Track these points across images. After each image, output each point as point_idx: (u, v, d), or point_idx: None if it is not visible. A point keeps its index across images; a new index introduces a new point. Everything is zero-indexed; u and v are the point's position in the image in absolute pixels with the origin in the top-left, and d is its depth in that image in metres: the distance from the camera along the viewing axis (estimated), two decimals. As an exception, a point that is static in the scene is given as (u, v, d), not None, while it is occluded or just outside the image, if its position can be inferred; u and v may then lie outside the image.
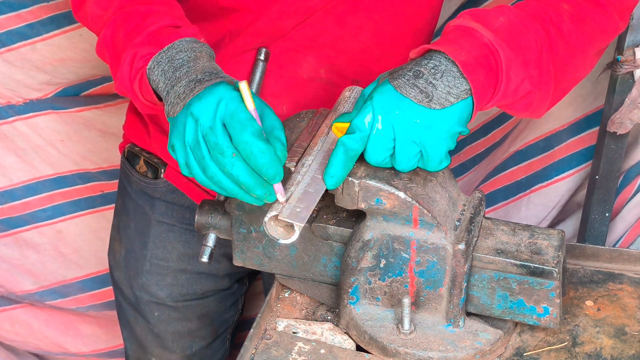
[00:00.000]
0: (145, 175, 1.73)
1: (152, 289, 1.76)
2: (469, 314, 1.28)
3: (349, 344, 1.29)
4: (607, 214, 1.86)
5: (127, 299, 1.81)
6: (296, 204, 1.18)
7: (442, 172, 1.26)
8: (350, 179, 1.20)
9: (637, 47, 1.69)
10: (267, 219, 1.17)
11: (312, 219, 1.30)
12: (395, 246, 1.23)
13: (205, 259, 1.39)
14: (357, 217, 1.28)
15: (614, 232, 1.93)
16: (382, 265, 1.25)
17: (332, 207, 1.31)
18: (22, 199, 2.09)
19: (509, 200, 2.00)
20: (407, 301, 1.23)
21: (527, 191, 1.97)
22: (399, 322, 1.26)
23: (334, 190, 1.22)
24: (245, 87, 1.16)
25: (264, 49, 1.48)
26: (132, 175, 1.75)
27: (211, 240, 1.39)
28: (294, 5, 1.45)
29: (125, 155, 1.78)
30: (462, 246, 1.21)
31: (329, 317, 1.35)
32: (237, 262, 1.38)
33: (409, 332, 1.24)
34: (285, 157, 1.17)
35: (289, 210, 1.17)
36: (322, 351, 1.27)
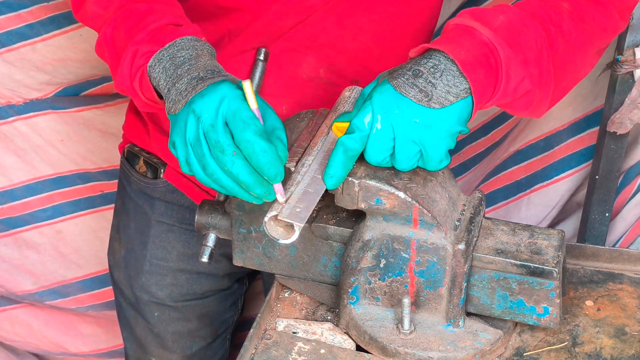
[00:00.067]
0: (144, 175, 1.73)
1: (152, 289, 1.76)
2: (469, 314, 1.28)
3: (349, 344, 1.29)
4: (607, 214, 1.86)
5: (127, 299, 1.81)
6: (296, 204, 1.18)
7: (442, 172, 1.25)
8: (350, 179, 1.20)
9: (637, 47, 1.69)
10: (267, 219, 1.17)
11: (312, 219, 1.30)
12: (395, 246, 1.23)
13: (205, 259, 1.39)
14: (357, 217, 1.28)
15: (614, 232, 1.93)
16: (382, 265, 1.25)
17: (332, 207, 1.31)
18: (22, 199, 2.09)
19: (509, 200, 2.00)
20: (407, 301, 1.23)
21: (527, 191, 1.97)
22: (399, 322, 1.26)
23: (334, 190, 1.22)
24: (248, 86, 1.17)
25: (264, 49, 1.48)
26: (131, 175, 1.75)
27: (211, 240, 1.39)
28: (294, 5, 1.44)
29: (124, 155, 1.78)
30: (462, 246, 1.21)
31: (329, 317, 1.35)
32: (237, 262, 1.38)
33: (409, 332, 1.24)
34: (286, 157, 1.17)
35: (288, 210, 1.17)
36: (322, 351, 1.26)
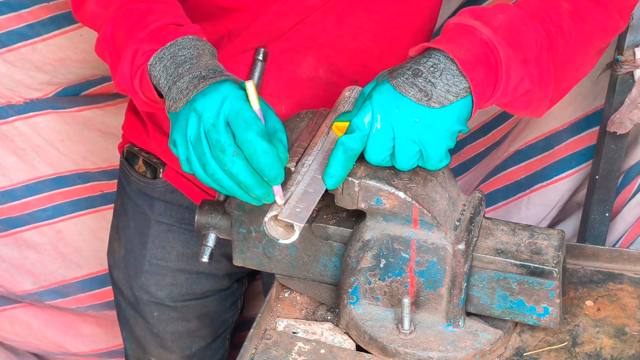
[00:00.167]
0: (144, 175, 1.73)
1: (152, 289, 1.76)
2: (469, 314, 1.27)
3: (349, 344, 1.29)
4: (607, 214, 1.86)
5: (127, 299, 1.81)
6: (296, 204, 1.18)
7: (442, 172, 1.25)
8: (350, 179, 1.20)
9: (637, 47, 1.69)
10: (267, 219, 1.17)
11: (312, 219, 1.30)
12: (395, 246, 1.23)
13: (205, 259, 1.39)
14: (357, 217, 1.28)
15: (614, 232, 1.93)
16: (382, 265, 1.25)
17: (332, 207, 1.31)
18: (22, 198, 2.09)
19: (509, 200, 2.00)
20: (407, 301, 1.23)
21: (527, 191, 1.97)
22: (399, 322, 1.26)
23: (334, 190, 1.21)
24: (251, 87, 1.17)
25: (262, 49, 1.48)
26: (131, 175, 1.75)
27: (211, 240, 1.39)
28: (293, 4, 1.44)
29: (124, 155, 1.77)
30: (462, 246, 1.21)
31: (329, 317, 1.35)
32: (237, 262, 1.37)
33: (409, 332, 1.24)
34: (286, 159, 1.17)
35: (288, 210, 1.17)
36: (322, 351, 1.26)
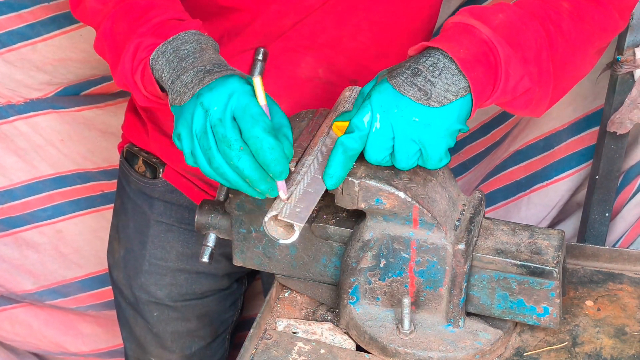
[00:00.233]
0: (144, 175, 1.73)
1: (151, 288, 1.76)
2: (469, 314, 1.27)
3: (349, 344, 1.29)
4: (607, 214, 1.86)
5: (126, 298, 1.81)
6: (296, 204, 1.18)
7: (442, 172, 1.25)
8: (350, 179, 1.20)
9: (637, 47, 1.69)
10: (267, 219, 1.17)
11: (312, 219, 1.30)
12: (395, 246, 1.23)
13: (205, 259, 1.39)
14: (357, 217, 1.28)
15: (614, 232, 1.93)
16: (382, 265, 1.25)
17: (332, 207, 1.31)
18: (22, 198, 2.09)
19: (509, 200, 2.00)
20: (407, 301, 1.23)
21: (527, 191, 1.97)
22: (399, 322, 1.25)
23: (334, 190, 1.21)
24: (259, 82, 1.17)
25: (262, 49, 1.48)
26: (130, 175, 1.75)
27: (211, 240, 1.39)
28: (292, 4, 1.44)
29: (123, 155, 1.77)
30: (462, 246, 1.21)
31: (329, 317, 1.35)
32: (237, 262, 1.37)
33: (409, 332, 1.24)
34: (292, 155, 1.17)
35: (288, 210, 1.17)
36: (322, 351, 1.26)
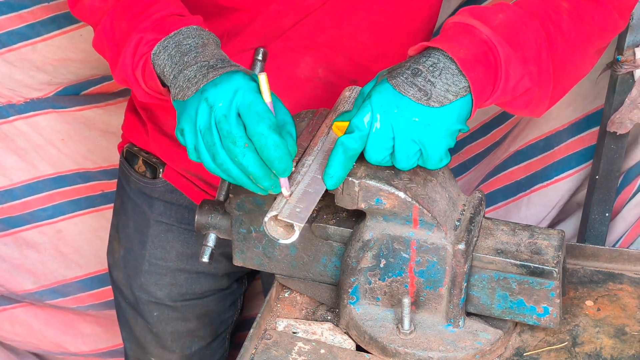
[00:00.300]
0: (143, 175, 1.73)
1: (151, 288, 1.76)
2: (469, 314, 1.27)
3: (349, 344, 1.29)
4: (607, 214, 1.86)
5: (126, 298, 1.81)
6: (296, 204, 1.18)
7: (442, 172, 1.25)
8: (350, 179, 1.20)
9: (637, 47, 1.69)
10: (267, 219, 1.17)
11: (312, 219, 1.30)
12: (395, 246, 1.23)
13: (205, 259, 1.39)
14: (357, 217, 1.28)
15: (614, 232, 1.93)
16: (382, 265, 1.25)
17: (332, 207, 1.31)
18: (22, 198, 2.09)
19: (509, 200, 2.00)
20: (407, 301, 1.23)
21: (527, 191, 1.97)
22: (399, 322, 1.26)
23: (334, 190, 1.21)
24: (264, 79, 1.17)
25: (262, 49, 1.48)
26: (130, 175, 1.75)
27: (211, 240, 1.39)
28: (292, 4, 1.44)
29: (123, 155, 1.77)
30: (462, 246, 1.21)
31: (329, 317, 1.35)
32: (237, 262, 1.37)
33: (409, 332, 1.24)
34: (295, 152, 1.17)
35: (288, 210, 1.17)
36: (322, 351, 1.26)
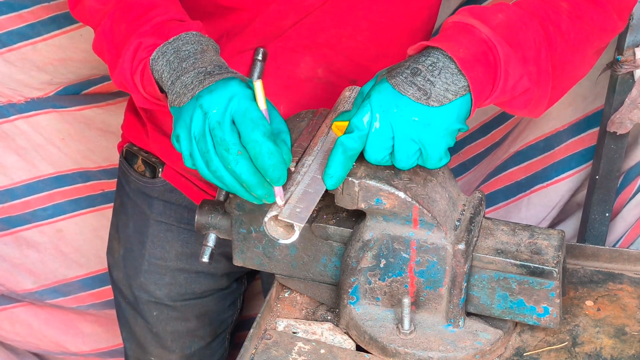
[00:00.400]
0: (143, 174, 1.73)
1: (151, 288, 1.76)
2: (469, 314, 1.28)
3: (349, 344, 1.29)
4: (607, 214, 1.86)
5: (126, 298, 1.81)
6: (296, 204, 1.18)
7: (442, 172, 1.25)
8: (350, 179, 1.20)
9: (637, 47, 1.69)
10: (267, 219, 1.17)
11: (312, 219, 1.30)
12: (395, 246, 1.23)
13: (205, 259, 1.39)
14: (357, 217, 1.28)
15: (614, 232, 1.93)
16: (382, 265, 1.25)
17: (332, 207, 1.31)
18: (23, 197, 2.09)
19: (509, 200, 2.00)
20: (407, 301, 1.23)
21: (527, 191, 1.97)
22: (399, 322, 1.26)
23: (334, 190, 1.22)
24: (259, 86, 1.17)
25: (262, 49, 1.48)
26: (130, 174, 1.75)
27: (211, 240, 1.39)
28: (292, 4, 1.44)
29: (123, 154, 1.77)
30: (462, 246, 1.21)
31: (329, 317, 1.35)
32: (237, 262, 1.37)
33: (409, 332, 1.24)
34: (290, 161, 1.17)
35: (289, 210, 1.17)
36: (322, 351, 1.26)
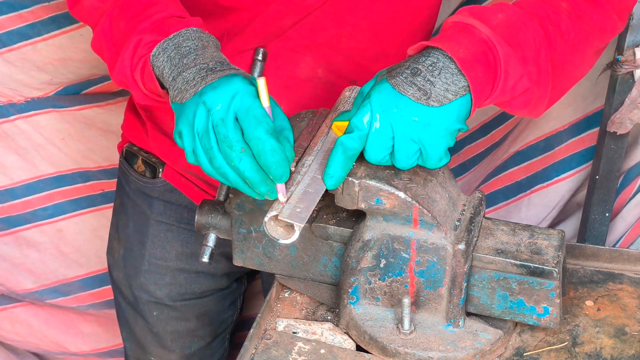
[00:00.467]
0: (143, 174, 1.73)
1: (151, 288, 1.76)
2: (469, 314, 1.28)
3: (349, 344, 1.29)
4: (607, 214, 1.86)
5: (126, 298, 1.81)
6: (296, 204, 1.18)
7: (442, 172, 1.25)
8: (350, 179, 1.20)
9: (637, 47, 1.69)
10: (267, 219, 1.17)
11: (312, 219, 1.30)
12: (395, 246, 1.23)
13: (205, 259, 1.39)
14: (357, 217, 1.28)
15: (614, 232, 1.93)
16: (382, 265, 1.25)
17: (332, 207, 1.31)
18: (23, 197, 2.09)
19: (509, 200, 2.00)
20: (407, 301, 1.23)
21: (528, 192, 1.97)
22: (399, 322, 1.26)
23: (334, 190, 1.22)
24: (263, 84, 1.17)
25: (262, 49, 1.47)
26: (130, 174, 1.75)
27: (211, 240, 1.39)
28: (292, 4, 1.44)
29: (123, 154, 1.77)
30: (462, 246, 1.21)
31: (329, 317, 1.35)
32: (237, 262, 1.37)
33: (409, 332, 1.24)
34: (292, 158, 1.17)
35: (289, 210, 1.17)
36: (322, 351, 1.27)
